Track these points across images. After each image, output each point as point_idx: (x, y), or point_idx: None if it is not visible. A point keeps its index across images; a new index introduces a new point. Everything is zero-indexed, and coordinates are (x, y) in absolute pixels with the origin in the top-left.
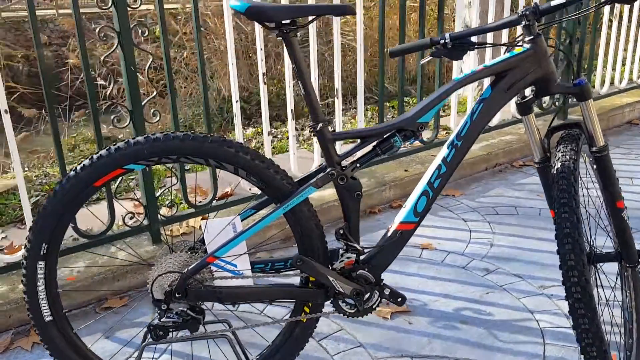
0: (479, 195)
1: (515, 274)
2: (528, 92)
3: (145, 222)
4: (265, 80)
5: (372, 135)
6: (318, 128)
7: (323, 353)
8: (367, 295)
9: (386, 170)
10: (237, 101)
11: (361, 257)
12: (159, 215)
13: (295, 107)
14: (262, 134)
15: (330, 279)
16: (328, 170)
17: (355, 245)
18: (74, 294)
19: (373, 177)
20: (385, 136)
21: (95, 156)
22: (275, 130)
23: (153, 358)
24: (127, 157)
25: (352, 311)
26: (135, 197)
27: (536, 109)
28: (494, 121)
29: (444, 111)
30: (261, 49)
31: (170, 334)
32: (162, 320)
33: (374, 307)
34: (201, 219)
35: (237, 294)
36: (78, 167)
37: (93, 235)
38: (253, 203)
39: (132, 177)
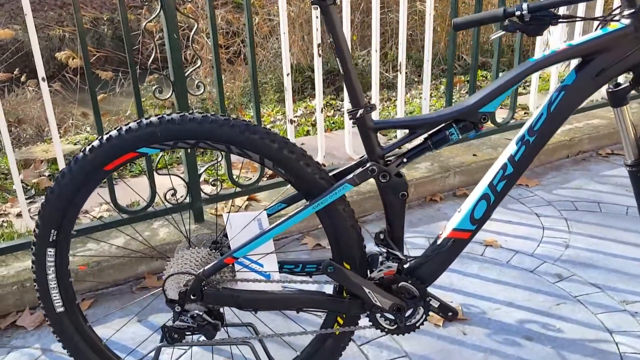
0: (557, 187)
1: (593, 284)
2: (622, 79)
3: (188, 200)
4: (321, 52)
5: (424, 125)
6: (358, 115)
7: None
8: (409, 312)
9: (451, 153)
10: (288, 74)
11: (404, 267)
12: (201, 193)
13: (363, 78)
14: (323, 110)
15: (366, 290)
16: (368, 165)
17: (398, 253)
18: (111, 271)
19: (436, 160)
20: (439, 127)
21: (104, 137)
22: (341, 102)
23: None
24: (139, 140)
25: (392, 328)
26: (176, 174)
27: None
28: None
29: (523, 88)
30: (317, 17)
31: (188, 337)
32: (176, 323)
33: (417, 325)
34: (227, 210)
35: (259, 300)
36: (86, 149)
37: (132, 211)
38: (283, 197)
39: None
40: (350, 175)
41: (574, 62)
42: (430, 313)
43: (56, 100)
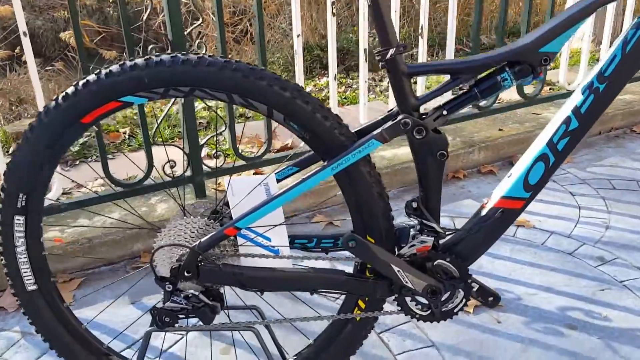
0: (590, 164)
1: (639, 267)
2: None
3: (188, 173)
4: (334, 11)
5: (470, 69)
6: (389, 55)
7: (384, 350)
8: (446, 295)
9: (475, 128)
10: (298, 35)
11: (441, 242)
12: (203, 166)
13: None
14: (337, 80)
15: (395, 269)
16: (400, 117)
17: (434, 225)
18: (103, 248)
19: (459, 135)
20: (488, 72)
21: (80, 83)
22: (352, 80)
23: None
24: (122, 86)
25: (425, 314)
26: (176, 145)
27: None
28: None
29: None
30: None
31: (181, 321)
32: (166, 304)
33: (456, 311)
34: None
35: (266, 278)
36: (59, 97)
37: (128, 184)
38: (295, 160)
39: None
40: (378, 130)
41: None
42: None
43: (59, 80)
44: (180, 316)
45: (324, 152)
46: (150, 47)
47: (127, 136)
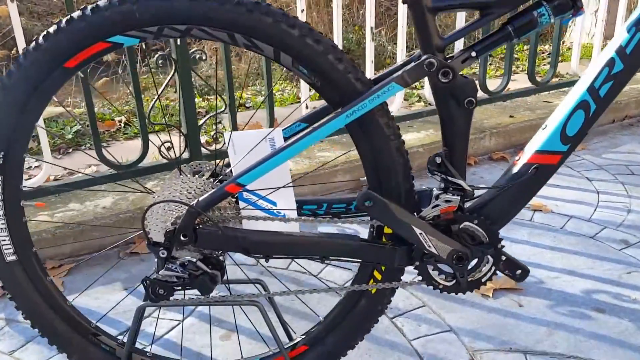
0: (606, 151)
1: None
2: None
3: (186, 155)
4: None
5: (502, 2)
6: None
7: (397, 335)
8: (473, 262)
9: (486, 115)
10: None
11: (467, 204)
12: (201, 148)
13: (376, 58)
14: None
15: (417, 231)
16: (424, 57)
17: (461, 182)
18: (95, 233)
19: None
20: (522, 7)
21: (64, 21)
22: None
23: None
24: (111, 23)
25: (450, 284)
26: (174, 125)
27: None
28: None
29: (561, 54)
30: None
31: (177, 294)
32: (161, 272)
33: (484, 280)
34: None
35: (272, 243)
36: (40, 37)
37: (122, 165)
38: (304, 115)
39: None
40: (400, 72)
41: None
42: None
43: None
44: (177, 288)
45: (338, 101)
46: None
47: (122, 124)
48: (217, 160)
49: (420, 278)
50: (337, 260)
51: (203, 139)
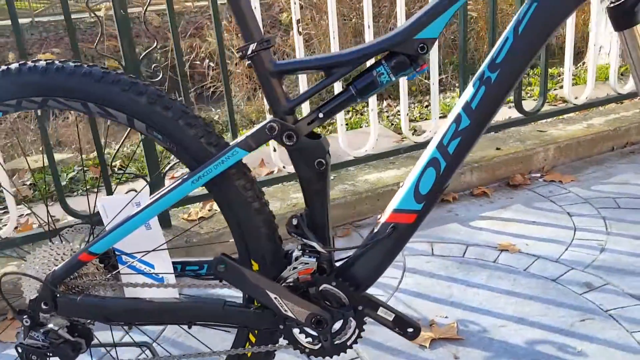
0: (597, 182)
1: (632, 295)
2: None
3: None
4: (300, 30)
5: (342, 64)
6: (250, 52)
7: None
8: (337, 325)
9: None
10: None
11: (331, 264)
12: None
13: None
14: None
15: (272, 296)
16: (267, 121)
17: (314, 244)
18: None
19: None
20: (364, 68)
21: None
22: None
23: None
24: None
25: (315, 348)
26: (135, 173)
27: None
28: (627, 88)
29: (550, 81)
30: None
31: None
32: (26, 340)
33: (349, 343)
34: None
35: (134, 310)
36: None
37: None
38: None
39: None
40: (244, 137)
41: None
42: (408, 330)
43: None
44: (49, 354)
45: (195, 164)
46: None
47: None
48: (92, 226)
49: (287, 342)
50: (204, 326)
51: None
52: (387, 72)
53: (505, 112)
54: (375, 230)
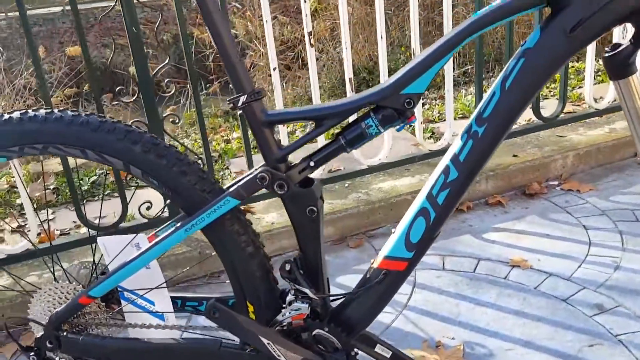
0: (616, 192)
1: None
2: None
3: (166, 214)
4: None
5: (330, 115)
6: (240, 103)
7: None
8: None
9: None
10: (274, 69)
11: (324, 309)
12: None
13: None
14: None
15: (264, 341)
16: (258, 171)
17: (306, 290)
18: None
19: None
20: (352, 119)
21: None
22: None
23: None
24: None
25: None
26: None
27: None
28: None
29: (575, 77)
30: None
31: None
32: None
33: None
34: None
35: (133, 350)
36: None
37: (102, 227)
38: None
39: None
40: (235, 186)
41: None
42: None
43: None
44: None
45: (191, 210)
46: (117, 89)
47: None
48: (94, 264)
49: None
50: None
51: None
52: (375, 124)
53: (525, 114)
54: (368, 275)
